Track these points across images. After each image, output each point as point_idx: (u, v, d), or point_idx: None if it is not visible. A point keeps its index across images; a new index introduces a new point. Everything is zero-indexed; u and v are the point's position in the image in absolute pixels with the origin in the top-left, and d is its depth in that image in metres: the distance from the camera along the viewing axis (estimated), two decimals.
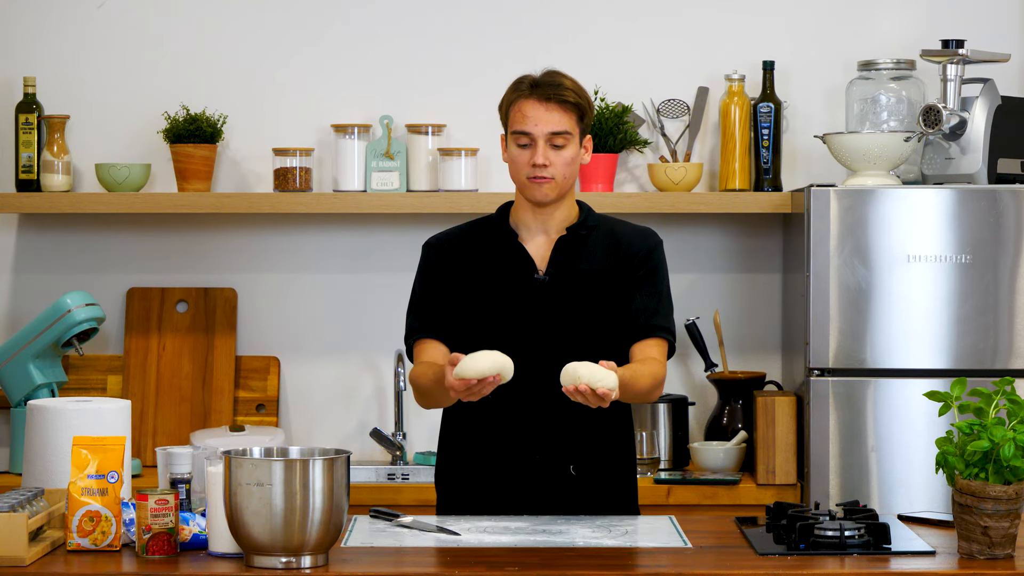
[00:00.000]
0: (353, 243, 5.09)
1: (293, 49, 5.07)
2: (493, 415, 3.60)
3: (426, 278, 3.73)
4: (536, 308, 3.61)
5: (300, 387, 5.11)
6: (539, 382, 3.58)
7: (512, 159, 3.62)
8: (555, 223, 3.66)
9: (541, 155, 3.57)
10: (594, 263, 3.65)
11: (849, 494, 4.46)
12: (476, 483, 3.66)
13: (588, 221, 3.68)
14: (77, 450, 3.16)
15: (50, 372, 4.81)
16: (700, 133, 5.05)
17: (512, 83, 3.65)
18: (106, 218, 5.08)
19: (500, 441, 3.64)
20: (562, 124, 3.58)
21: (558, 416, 3.62)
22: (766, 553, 3.15)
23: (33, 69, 5.02)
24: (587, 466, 3.64)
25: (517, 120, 3.59)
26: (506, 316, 3.62)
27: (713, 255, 5.08)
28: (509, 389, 3.53)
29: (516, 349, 3.53)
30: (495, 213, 3.73)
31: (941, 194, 4.49)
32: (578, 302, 3.63)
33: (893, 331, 4.47)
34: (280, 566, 2.99)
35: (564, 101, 3.58)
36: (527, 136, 3.58)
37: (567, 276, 3.64)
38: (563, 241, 3.65)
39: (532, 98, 3.59)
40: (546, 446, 3.63)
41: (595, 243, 3.67)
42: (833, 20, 5.05)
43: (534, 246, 3.67)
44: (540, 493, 3.62)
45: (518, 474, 3.63)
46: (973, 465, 3.10)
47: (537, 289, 3.63)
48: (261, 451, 3.12)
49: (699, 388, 5.07)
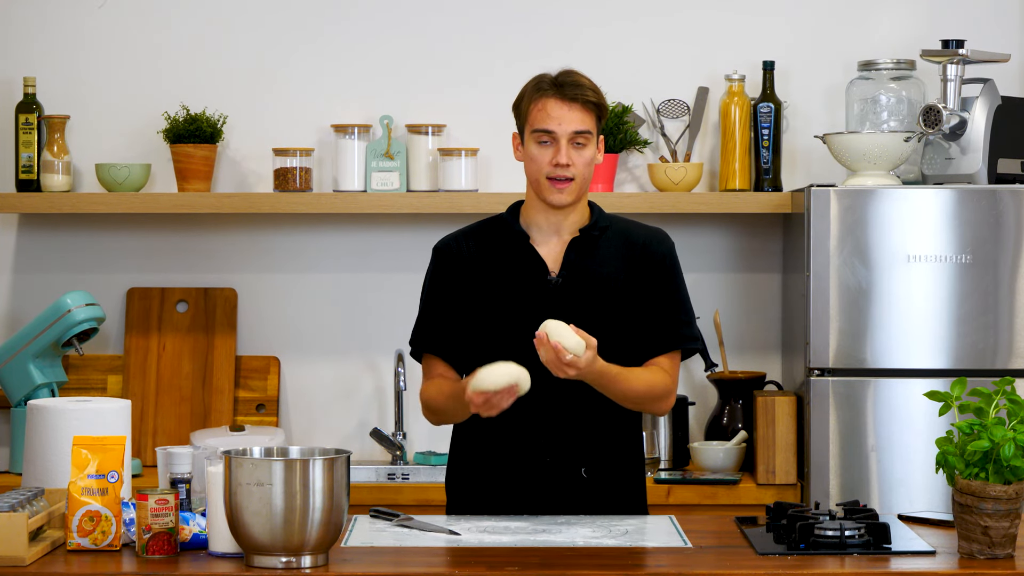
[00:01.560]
0: (353, 243, 5.09)
1: (293, 49, 5.07)
2: (505, 418, 3.58)
3: (434, 288, 3.71)
4: (550, 310, 3.60)
5: (300, 387, 5.11)
6: (552, 385, 3.57)
7: (532, 157, 3.60)
8: (568, 224, 3.65)
9: (564, 155, 3.56)
10: (608, 265, 3.64)
11: (849, 494, 4.46)
12: (487, 486, 3.66)
13: (600, 222, 3.67)
14: (77, 450, 3.16)
15: (50, 372, 4.81)
16: (700, 133, 5.05)
17: (531, 81, 3.63)
18: (106, 218, 5.08)
19: (511, 444, 3.63)
20: (584, 124, 3.57)
21: (570, 419, 3.61)
22: (766, 553, 3.15)
23: (33, 69, 5.02)
24: (598, 469, 3.64)
25: (539, 119, 3.58)
26: (520, 319, 3.59)
27: (713, 255, 5.08)
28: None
29: (529, 352, 3.54)
30: (505, 213, 3.71)
31: (941, 194, 4.49)
32: (592, 304, 3.62)
33: (893, 331, 4.47)
34: (280, 566, 2.99)
35: (587, 101, 3.57)
36: (549, 135, 3.57)
37: (581, 278, 3.63)
38: (576, 243, 3.64)
39: (555, 97, 3.57)
40: (557, 449, 3.63)
41: (608, 245, 3.66)
42: (833, 20, 5.05)
43: (546, 248, 3.65)
44: (551, 496, 3.62)
45: (529, 477, 3.63)
46: (973, 465, 3.10)
47: (550, 291, 3.62)
48: (261, 451, 3.12)
49: (699, 388, 5.07)
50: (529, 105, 3.60)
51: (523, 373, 3.39)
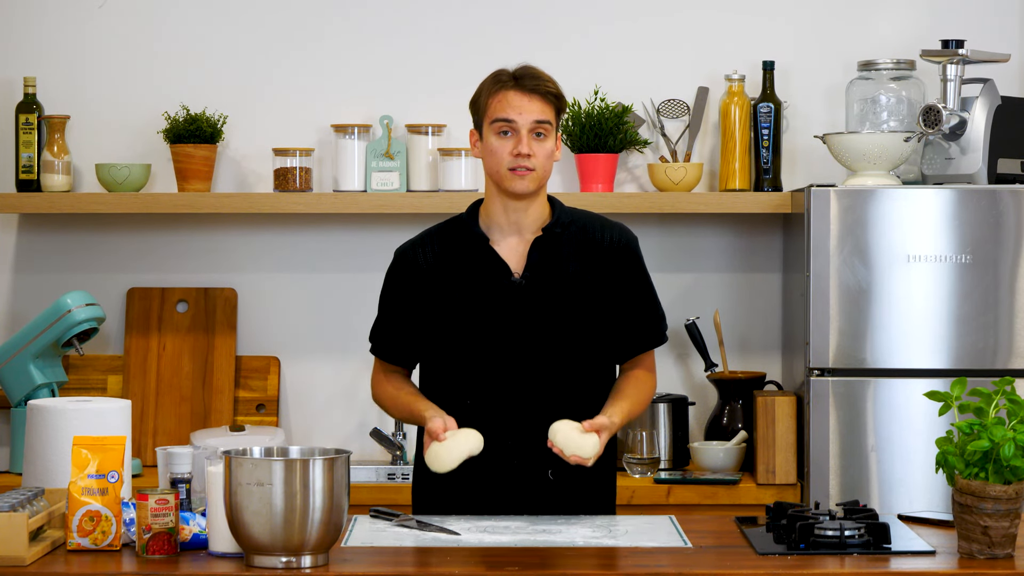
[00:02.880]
0: (353, 243, 5.09)
1: (293, 49, 5.07)
2: (471, 421, 3.58)
3: (390, 295, 3.74)
4: (514, 312, 3.59)
5: (300, 387, 5.11)
6: (518, 387, 3.59)
7: (492, 150, 3.60)
8: (529, 221, 3.64)
9: (525, 144, 3.56)
10: (571, 264, 3.63)
11: (849, 494, 4.46)
12: (453, 487, 3.63)
13: (562, 219, 3.66)
14: (77, 450, 3.16)
15: (50, 372, 4.81)
16: (700, 133, 5.05)
17: (489, 76, 3.65)
18: (106, 218, 5.08)
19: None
20: (544, 114, 3.59)
21: (536, 422, 3.59)
22: (766, 553, 3.15)
23: (33, 69, 5.03)
24: (565, 471, 3.62)
25: (499, 109, 3.59)
26: (483, 321, 3.60)
27: (713, 255, 5.08)
28: (488, 395, 3.56)
29: (494, 354, 3.54)
30: (464, 213, 3.70)
31: (941, 194, 4.49)
32: (558, 304, 3.61)
33: (893, 331, 4.47)
34: (280, 566, 2.99)
35: (547, 92, 3.60)
36: (510, 124, 3.58)
37: (545, 278, 3.62)
38: (539, 242, 3.63)
39: (515, 89, 3.60)
40: (524, 451, 3.62)
41: (570, 242, 3.65)
42: (833, 20, 5.05)
43: (507, 248, 3.64)
44: (518, 497, 3.61)
45: (496, 479, 3.62)
46: (973, 465, 3.10)
47: (514, 292, 3.62)
48: (261, 451, 3.12)
49: (699, 388, 5.07)
50: (488, 99, 3.62)
51: (476, 443, 3.48)
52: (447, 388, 3.64)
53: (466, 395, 3.63)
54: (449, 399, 3.63)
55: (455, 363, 3.61)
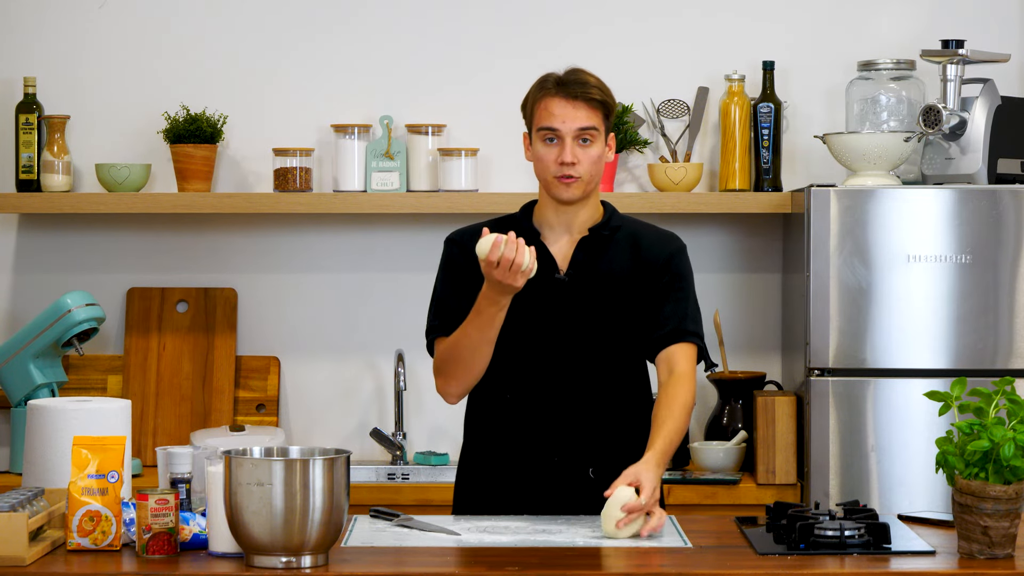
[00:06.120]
0: (353, 243, 5.09)
1: (293, 49, 5.07)
2: (513, 417, 3.59)
3: (448, 274, 3.70)
4: (556, 308, 3.60)
5: (300, 387, 5.11)
6: (558, 383, 3.59)
7: (538, 157, 3.60)
8: (578, 223, 3.64)
9: (569, 153, 3.55)
10: (615, 265, 3.64)
11: (849, 494, 4.46)
12: (495, 485, 3.65)
13: (612, 222, 3.66)
14: (77, 450, 3.16)
15: (50, 372, 4.81)
16: (700, 133, 5.05)
17: (536, 81, 3.62)
18: (106, 218, 5.08)
19: (520, 443, 3.63)
20: (589, 121, 3.57)
21: (577, 418, 3.61)
22: (766, 553, 3.15)
23: (33, 69, 5.03)
24: (606, 469, 3.63)
25: (544, 117, 3.57)
26: (525, 315, 3.60)
27: (713, 255, 5.08)
28: (529, 390, 3.54)
29: (536, 349, 3.53)
30: (518, 212, 3.71)
31: (941, 194, 4.49)
32: (598, 303, 3.61)
33: (893, 331, 4.48)
34: (280, 566, 2.99)
35: (591, 99, 3.57)
36: (554, 132, 3.57)
37: (587, 277, 3.62)
38: (585, 241, 3.64)
39: (559, 96, 3.57)
40: (565, 448, 3.63)
41: (617, 245, 3.65)
42: (833, 20, 5.05)
43: (557, 246, 3.65)
44: (559, 495, 3.61)
45: (537, 476, 3.62)
46: (973, 465, 3.10)
47: (557, 289, 3.62)
48: (261, 451, 3.12)
49: (699, 388, 5.05)
50: (534, 105, 3.61)
51: (531, 258, 3.37)
52: (487, 382, 3.63)
53: (506, 389, 3.62)
54: (489, 393, 3.63)
55: (496, 356, 3.60)
